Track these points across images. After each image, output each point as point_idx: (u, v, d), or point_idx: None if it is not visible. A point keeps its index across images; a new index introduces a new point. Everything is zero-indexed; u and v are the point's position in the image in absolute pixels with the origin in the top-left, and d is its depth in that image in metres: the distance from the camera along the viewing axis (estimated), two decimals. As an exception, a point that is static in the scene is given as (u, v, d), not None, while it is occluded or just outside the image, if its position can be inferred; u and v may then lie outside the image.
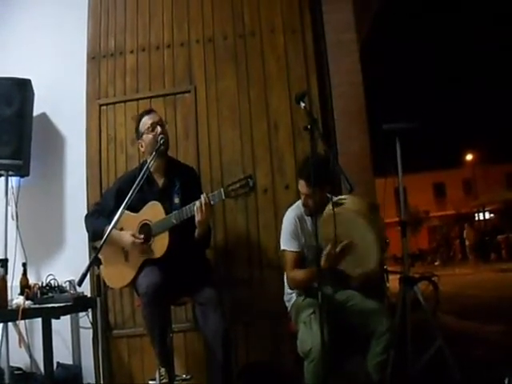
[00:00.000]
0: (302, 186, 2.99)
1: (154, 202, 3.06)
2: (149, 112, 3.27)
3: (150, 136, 3.13)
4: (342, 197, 2.79)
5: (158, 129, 3.13)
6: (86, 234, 3.33)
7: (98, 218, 3.16)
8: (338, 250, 2.72)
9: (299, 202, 3.12)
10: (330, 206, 2.66)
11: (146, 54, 4.23)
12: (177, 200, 3.10)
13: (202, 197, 2.86)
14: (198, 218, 2.87)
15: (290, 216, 3.10)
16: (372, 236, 2.65)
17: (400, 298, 3.29)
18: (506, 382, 2.49)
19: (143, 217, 3.07)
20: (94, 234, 3.13)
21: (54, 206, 4.19)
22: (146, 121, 3.18)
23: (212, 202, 2.89)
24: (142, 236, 3.01)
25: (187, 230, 2.96)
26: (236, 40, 4.12)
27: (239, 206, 3.86)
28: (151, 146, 3.12)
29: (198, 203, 2.85)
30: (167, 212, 2.99)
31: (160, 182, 3.21)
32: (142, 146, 3.22)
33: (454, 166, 35.01)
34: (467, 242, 23.87)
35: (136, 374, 3.82)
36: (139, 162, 3.49)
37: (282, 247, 3.09)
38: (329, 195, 2.95)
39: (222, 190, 2.84)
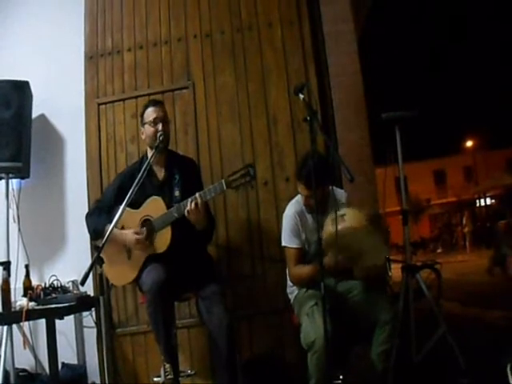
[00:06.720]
0: (302, 189, 2.98)
1: (155, 197, 3.07)
2: (156, 104, 3.25)
3: (151, 130, 3.13)
4: (341, 212, 2.73)
5: (159, 126, 3.12)
6: (88, 234, 3.31)
7: (99, 215, 3.16)
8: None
9: (299, 197, 3.11)
10: (331, 227, 2.64)
11: (143, 51, 4.21)
12: (177, 193, 3.09)
13: (189, 200, 2.87)
14: (190, 218, 2.88)
15: (290, 212, 3.10)
16: (378, 239, 2.73)
17: (403, 287, 3.29)
18: (509, 367, 2.50)
19: (144, 213, 3.07)
20: (95, 233, 3.13)
21: (56, 207, 4.20)
22: (151, 113, 3.17)
23: (213, 194, 2.88)
24: (144, 228, 3.01)
25: (189, 223, 2.94)
26: (233, 34, 4.11)
27: (240, 200, 3.87)
28: (150, 140, 3.14)
29: (188, 204, 2.86)
30: (168, 206, 2.99)
31: (160, 174, 3.21)
32: (142, 134, 3.24)
33: (454, 153, 34.91)
34: (466, 229, 23.84)
35: (141, 371, 3.84)
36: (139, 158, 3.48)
37: (283, 244, 3.10)
38: (330, 187, 2.93)
39: (223, 180, 2.83)
